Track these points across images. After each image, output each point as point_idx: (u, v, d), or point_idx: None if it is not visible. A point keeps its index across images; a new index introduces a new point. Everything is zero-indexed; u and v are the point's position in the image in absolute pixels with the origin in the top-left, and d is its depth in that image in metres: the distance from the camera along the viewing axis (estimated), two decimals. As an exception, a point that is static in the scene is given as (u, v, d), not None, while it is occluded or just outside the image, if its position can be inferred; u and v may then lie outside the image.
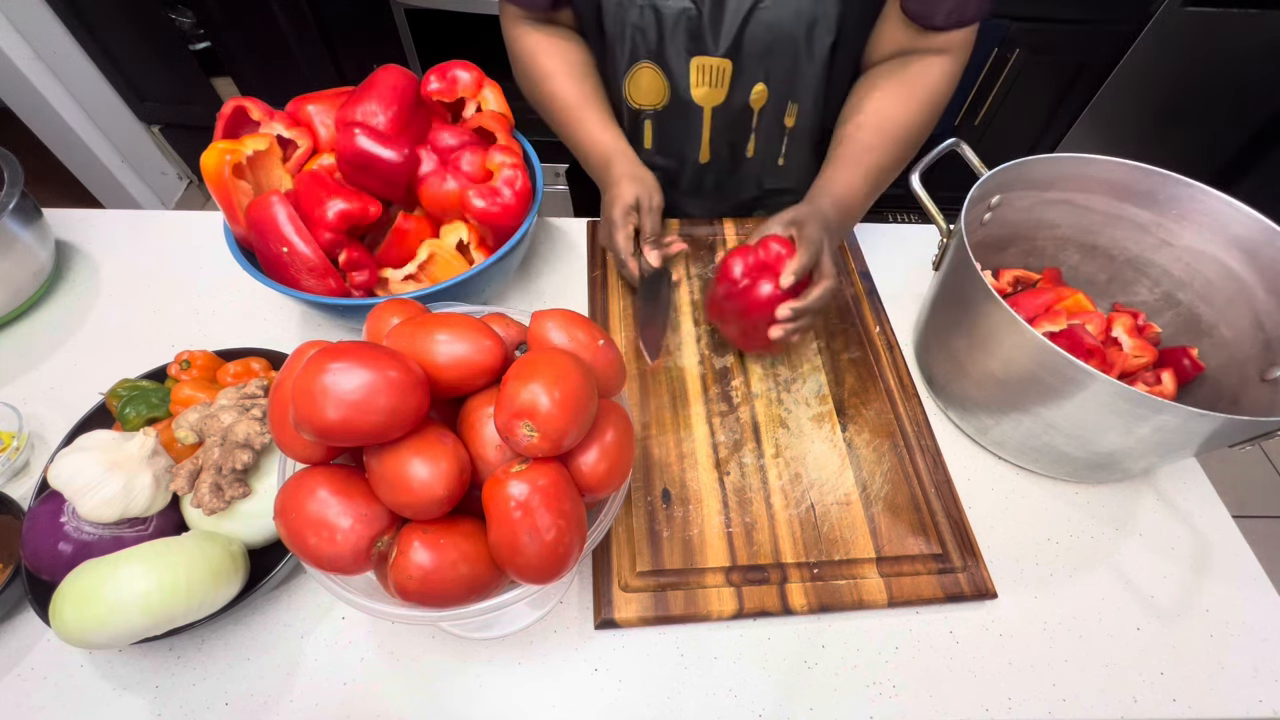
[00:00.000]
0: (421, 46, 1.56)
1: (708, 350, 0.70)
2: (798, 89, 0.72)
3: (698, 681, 0.51)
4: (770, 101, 0.73)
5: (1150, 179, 0.63)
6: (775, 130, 0.76)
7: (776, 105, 0.73)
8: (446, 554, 0.36)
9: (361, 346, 0.35)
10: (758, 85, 0.71)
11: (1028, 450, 0.61)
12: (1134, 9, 1.53)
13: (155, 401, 0.56)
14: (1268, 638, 0.55)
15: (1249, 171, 1.82)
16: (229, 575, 0.47)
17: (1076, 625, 0.55)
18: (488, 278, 0.66)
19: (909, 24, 0.66)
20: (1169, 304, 0.68)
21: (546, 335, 0.43)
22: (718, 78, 0.69)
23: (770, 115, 0.75)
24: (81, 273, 0.76)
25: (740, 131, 0.76)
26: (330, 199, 0.59)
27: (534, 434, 0.36)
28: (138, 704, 0.48)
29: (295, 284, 0.60)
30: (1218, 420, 0.46)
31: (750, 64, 0.69)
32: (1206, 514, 0.63)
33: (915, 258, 0.83)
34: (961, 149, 0.65)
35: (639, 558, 0.55)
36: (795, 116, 0.74)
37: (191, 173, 2.20)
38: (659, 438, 0.63)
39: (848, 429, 0.64)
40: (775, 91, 0.72)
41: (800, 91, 0.72)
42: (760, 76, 0.70)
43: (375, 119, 0.64)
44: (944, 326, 0.64)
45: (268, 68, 1.72)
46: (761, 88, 0.71)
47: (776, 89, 0.72)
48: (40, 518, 0.48)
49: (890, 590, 0.54)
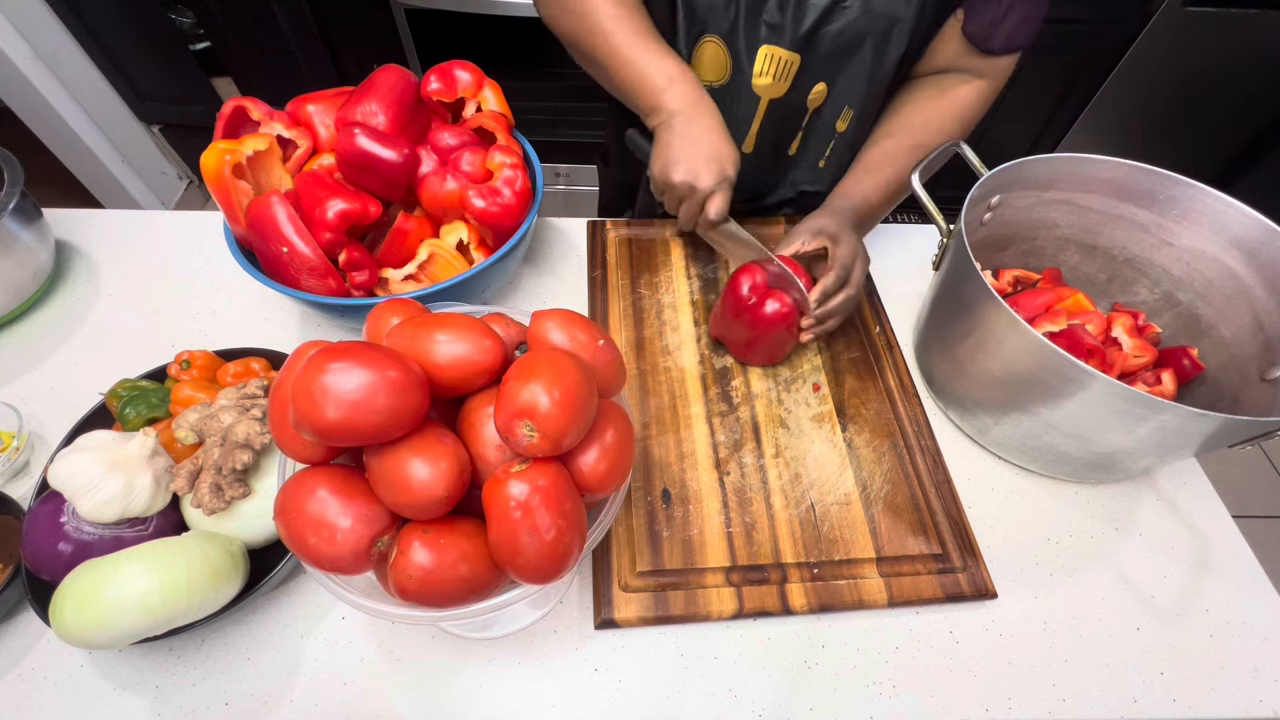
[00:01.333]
0: (421, 46, 1.56)
1: (708, 350, 0.70)
2: (858, 94, 0.71)
3: (698, 681, 0.51)
4: (827, 103, 0.72)
5: (1150, 179, 0.63)
6: (825, 132, 0.75)
7: (833, 108, 0.73)
8: (446, 554, 0.36)
9: (361, 346, 0.35)
10: (819, 85, 0.70)
11: (1028, 450, 0.61)
12: (1134, 9, 1.53)
13: (155, 401, 0.56)
14: (1268, 638, 0.55)
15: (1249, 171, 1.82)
16: (229, 575, 0.47)
17: (1076, 625, 0.55)
18: (488, 278, 0.66)
19: (963, 44, 0.66)
20: (1169, 304, 0.68)
21: (546, 335, 0.43)
22: (783, 70, 0.68)
23: (823, 117, 0.74)
24: (81, 273, 0.76)
25: (789, 129, 0.75)
26: (330, 199, 0.59)
27: (534, 434, 0.36)
28: (138, 704, 0.48)
29: (295, 284, 0.60)
30: (1218, 420, 0.46)
31: (818, 62, 0.68)
32: (1206, 514, 0.63)
33: (915, 258, 0.83)
34: (961, 149, 0.65)
35: (639, 558, 0.55)
36: (848, 122, 0.74)
37: (191, 173, 2.19)
38: (659, 438, 0.63)
39: (848, 429, 0.64)
40: (835, 94, 0.71)
41: (859, 97, 0.71)
42: (824, 76, 0.69)
43: (375, 119, 0.64)
44: (944, 326, 0.64)
45: (268, 68, 1.72)
46: (822, 88, 0.70)
47: (837, 92, 0.71)
48: (40, 518, 0.48)
49: (890, 590, 0.54)
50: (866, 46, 0.66)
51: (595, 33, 0.65)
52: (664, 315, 0.73)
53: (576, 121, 1.70)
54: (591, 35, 0.65)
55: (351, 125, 0.62)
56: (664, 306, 0.74)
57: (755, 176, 0.80)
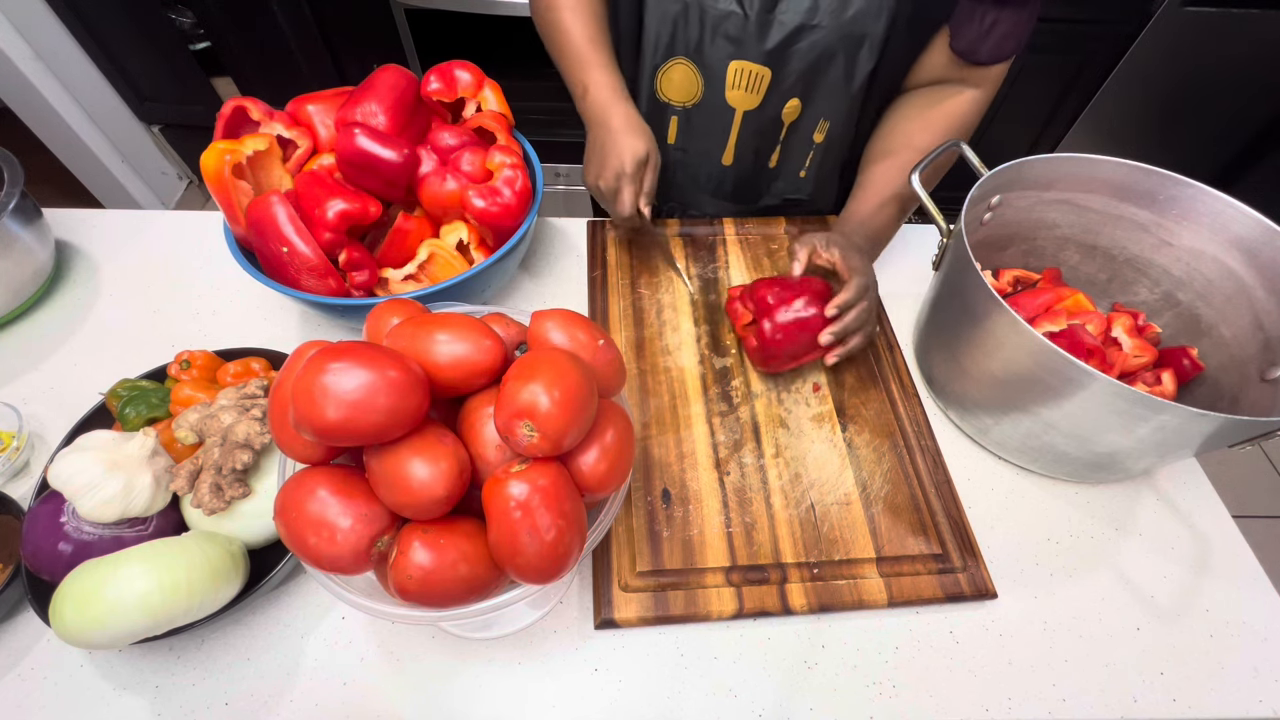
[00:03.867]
0: (421, 46, 1.56)
1: (708, 350, 0.70)
2: (832, 108, 0.72)
3: (698, 681, 0.51)
4: (802, 116, 0.73)
5: (1150, 179, 0.63)
6: (803, 144, 0.76)
7: (808, 121, 0.73)
8: (446, 554, 0.36)
9: (361, 346, 0.35)
10: (792, 100, 0.71)
11: (1028, 450, 0.61)
12: (1134, 9, 1.53)
13: (155, 401, 0.56)
14: (1268, 638, 0.55)
15: (1249, 171, 1.82)
16: (229, 575, 0.47)
17: (1076, 625, 0.55)
18: (488, 278, 0.66)
19: (952, 57, 0.67)
20: (1169, 304, 0.68)
21: (546, 335, 0.43)
22: (755, 83, 0.69)
23: (800, 130, 0.75)
24: (81, 273, 0.76)
25: (768, 140, 0.76)
26: (330, 199, 0.59)
27: (534, 434, 0.36)
28: (138, 704, 0.48)
29: (295, 284, 0.60)
30: (1218, 420, 0.46)
31: (789, 77, 0.68)
32: (1206, 514, 0.63)
33: (915, 258, 0.83)
34: (961, 149, 0.65)
35: (639, 558, 0.55)
36: (825, 133, 0.74)
37: (191, 173, 2.19)
38: (659, 438, 0.63)
39: (848, 429, 0.64)
40: (809, 107, 0.72)
41: (834, 110, 0.72)
42: (797, 91, 0.70)
43: (375, 119, 0.64)
44: (944, 326, 0.64)
45: (268, 68, 1.72)
46: (796, 102, 0.71)
47: (811, 105, 0.72)
48: (40, 518, 0.48)
49: (890, 590, 0.54)
50: (838, 63, 0.67)
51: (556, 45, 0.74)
52: (664, 315, 0.73)
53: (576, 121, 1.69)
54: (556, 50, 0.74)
55: (351, 125, 0.62)
56: (664, 306, 0.74)
57: (741, 183, 0.82)
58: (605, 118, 0.69)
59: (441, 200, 0.66)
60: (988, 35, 0.63)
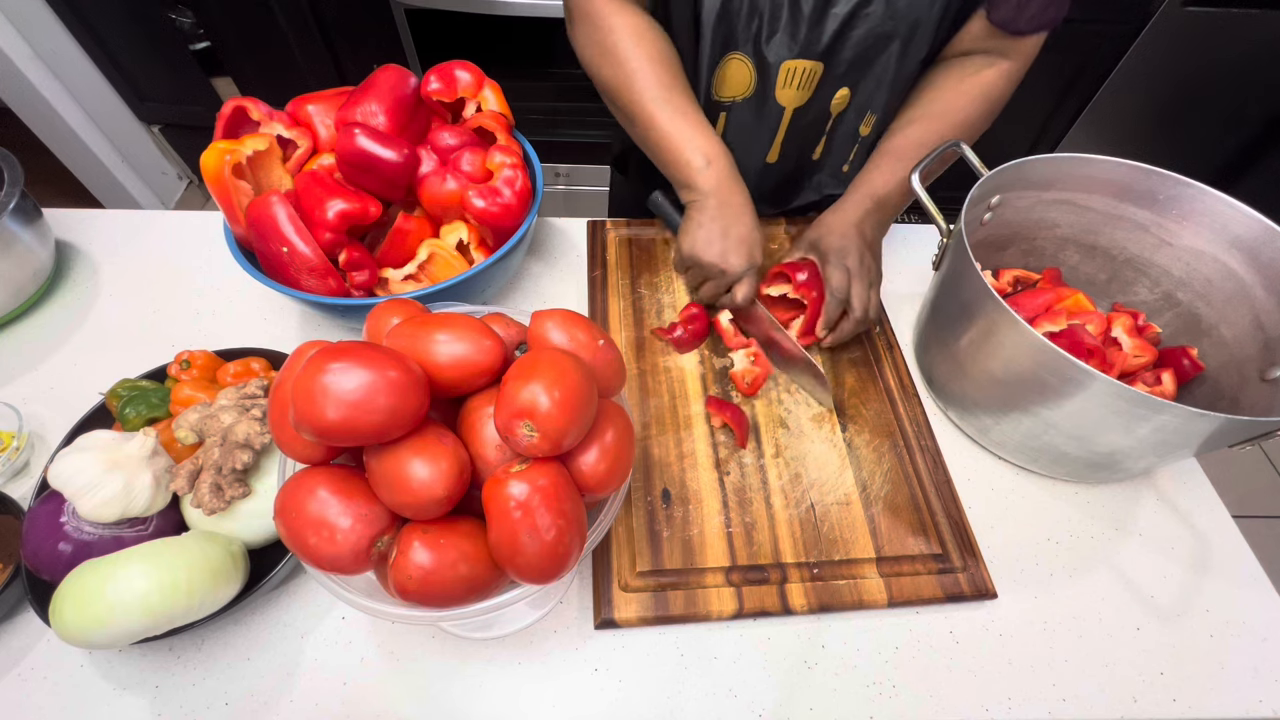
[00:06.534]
0: (421, 46, 1.56)
1: (708, 350, 0.70)
2: (880, 100, 0.71)
3: (698, 681, 0.51)
4: (850, 107, 0.72)
5: (1150, 179, 0.63)
6: (848, 137, 0.76)
7: (856, 113, 0.73)
8: (446, 554, 0.36)
9: (361, 346, 0.35)
10: (841, 90, 0.70)
11: (1028, 450, 0.61)
12: (1134, 9, 1.53)
13: (155, 401, 0.56)
14: (1268, 638, 0.55)
15: (1249, 171, 1.82)
16: (229, 575, 0.47)
17: (1076, 625, 0.55)
18: (488, 278, 0.66)
19: (988, 27, 0.65)
20: (1169, 304, 0.68)
21: (546, 335, 0.43)
22: (807, 80, 0.68)
23: (846, 122, 0.74)
24: (81, 273, 0.76)
25: (812, 135, 0.75)
26: (330, 199, 0.59)
27: (534, 434, 0.36)
28: (138, 704, 0.48)
29: (295, 284, 0.60)
30: (1218, 420, 0.46)
31: (841, 69, 0.67)
32: (1206, 514, 0.63)
33: (915, 258, 0.83)
34: (961, 149, 0.65)
35: (639, 558, 0.55)
36: (871, 127, 0.74)
37: (191, 173, 2.20)
38: (659, 438, 0.63)
39: (848, 429, 0.64)
40: (857, 99, 0.71)
41: (881, 104, 0.71)
42: (846, 82, 0.69)
43: (375, 119, 0.64)
44: (944, 326, 0.64)
45: (268, 68, 1.72)
46: (845, 92, 0.70)
47: (859, 97, 0.71)
48: (40, 518, 0.48)
49: (890, 590, 0.54)
50: (891, 50, 0.66)
51: (632, 90, 0.66)
52: (664, 315, 0.73)
53: (576, 121, 1.70)
54: (630, 92, 0.66)
55: (351, 125, 0.62)
56: (664, 306, 0.74)
57: (780, 183, 0.81)
58: (730, 194, 0.65)
59: (441, 200, 0.66)
60: (1028, 3, 0.62)
